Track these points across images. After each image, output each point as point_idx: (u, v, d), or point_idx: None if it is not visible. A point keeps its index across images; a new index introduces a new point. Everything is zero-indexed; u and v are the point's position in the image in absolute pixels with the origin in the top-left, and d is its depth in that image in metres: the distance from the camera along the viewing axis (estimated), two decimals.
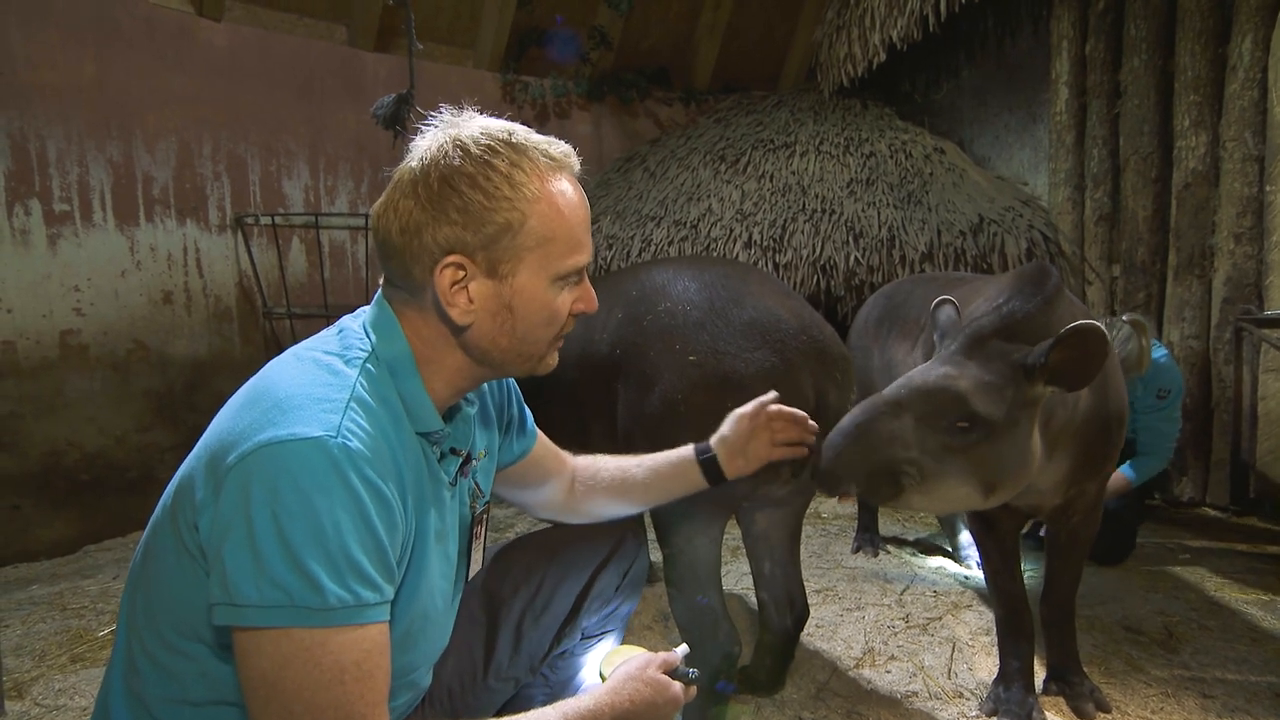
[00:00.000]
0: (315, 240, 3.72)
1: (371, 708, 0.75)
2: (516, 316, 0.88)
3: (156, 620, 0.83)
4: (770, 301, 1.47)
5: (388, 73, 3.87)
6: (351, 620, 0.73)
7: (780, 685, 1.77)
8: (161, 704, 0.83)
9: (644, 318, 1.49)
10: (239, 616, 0.72)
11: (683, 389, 1.39)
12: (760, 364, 1.38)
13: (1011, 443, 1.29)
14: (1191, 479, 3.18)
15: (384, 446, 0.80)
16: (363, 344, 0.87)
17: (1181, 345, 3.17)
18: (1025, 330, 1.34)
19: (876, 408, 1.27)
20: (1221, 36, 3.05)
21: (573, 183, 0.90)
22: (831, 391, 1.49)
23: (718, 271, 1.55)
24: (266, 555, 0.71)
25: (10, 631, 2.18)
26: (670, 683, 0.96)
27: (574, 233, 0.89)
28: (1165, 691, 1.75)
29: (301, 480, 0.72)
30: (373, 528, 0.76)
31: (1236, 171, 3.00)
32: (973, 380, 1.28)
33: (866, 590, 2.39)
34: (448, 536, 0.95)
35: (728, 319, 1.42)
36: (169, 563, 0.81)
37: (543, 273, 0.88)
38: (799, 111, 4.41)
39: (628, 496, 1.24)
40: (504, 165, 0.84)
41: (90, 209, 3.10)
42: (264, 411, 0.77)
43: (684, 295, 1.48)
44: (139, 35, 3.20)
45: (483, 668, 1.14)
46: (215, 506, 0.74)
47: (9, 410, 2.90)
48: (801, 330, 1.45)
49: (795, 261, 3.61)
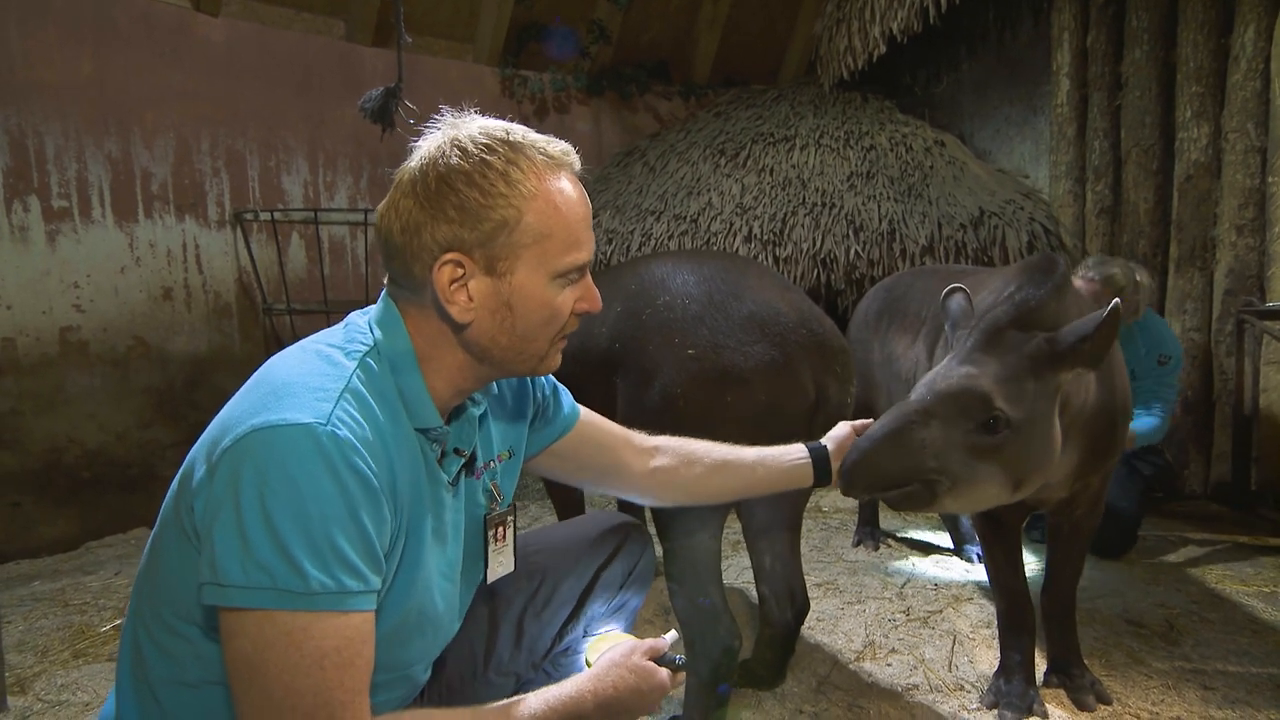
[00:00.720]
0: (314, 236, 3.72)
1: (351, 695, 0.75)
2: (516, 314, 0.88)
3: (158, 603, 0.84)
4: (769, 295, 1.47)
5: (385, 67, 3.86)
6: (333, 606, 0.74)
7: (781, 679, 1.77)
8: (163, 686, 0.84)
9: (643, 312, 1.48)
10: (224, 596, 0.73)
11: (682, 383, 1.38)
12: (760, 357, 1.38)
13: (1036, 434, 1.30)
14: (1193, 471, 3.18)
15: (375, 439, 0.81)
16: (365, 338, 0.88)
17: (1183, 338, 3.16)
18: (1039, 319, 1.34)
19: (906, 417, 1.24)
20: (1224, 27, 3.04)
21: (572, 180, 0.90)
22: (832, 385, 1.48)
23: (716, 265, 1.55)
24: (252, 537, 0.72)
25: (13, 627, 2.19)
26: (656, 669, 0.95)
27: (572, 229, 0.88)
28: (1166, 684, 1.75)
29: (289, 465, 0.73)
30: (357, 516, 0.76)
31: (1239, 163, 2.99)
32: (995, 378, 1.27)
33: (867, 584, 2.39)
34: (447, 536, 0.95)
35: (727, 313, 1.42)
36: (171, 546, 0.83)
37: (541, 270, 0.88)
38: (799, 105, 4.40)
39: (731, 479, 1.22)
40: (500, 163, 0.85)
41: (89, 205, 3.09)
42: (261, 397, 0.79)
43: (683, 289, 1.48)
44: (137, 31, 3.19)
45: (483, 661, 1.14)
46: (209, 488, 0.76)
47: (9, 407, 2.90)
48: (801, 324, 1.44)
49: (795, 255, 3.60)
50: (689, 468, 1.21)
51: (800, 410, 1.44)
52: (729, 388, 1.34)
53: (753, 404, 1.37)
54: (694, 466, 1.21)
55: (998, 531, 1.69)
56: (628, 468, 1.19)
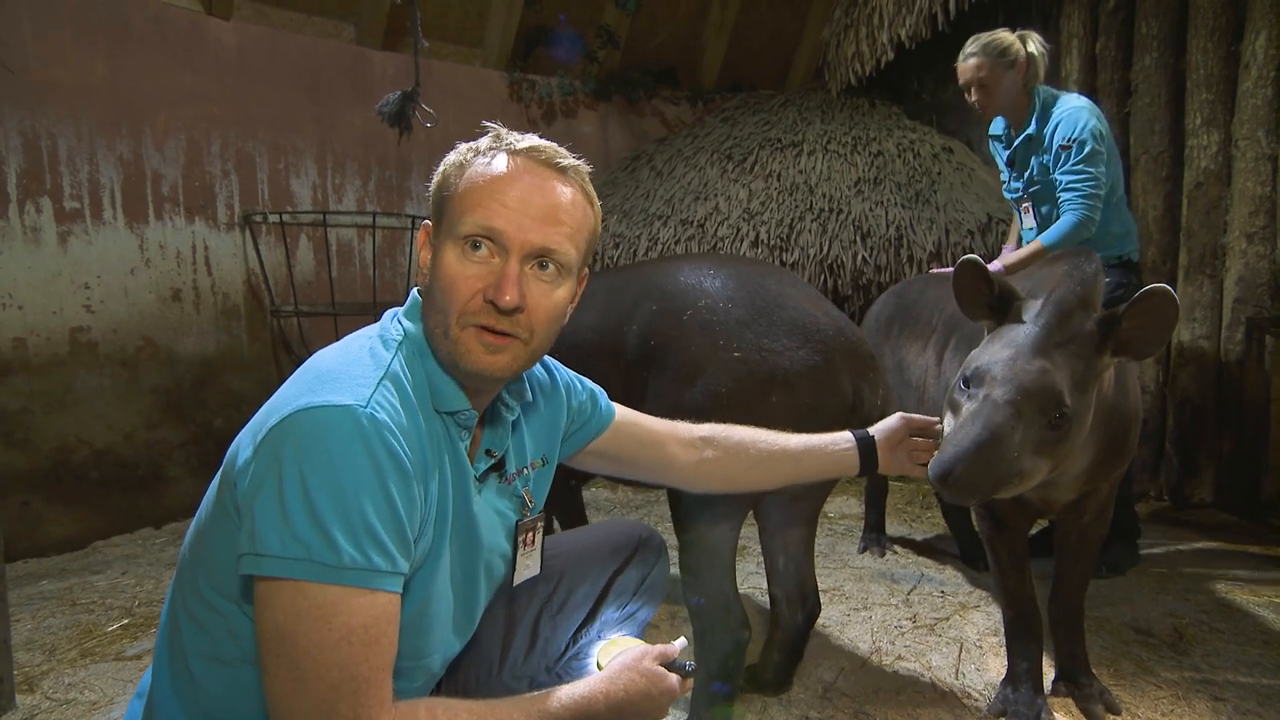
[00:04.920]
0: (323, 238, 3.73)
1: (375, 672, 0.77)
2: (433, 279, 0.91)
3: (197, 577, 0.88)
4: (807, 303, 1.54)
5: (395, 71, 3.88)
6: (363, 583, 0.77)
7: (787, 684, 1.77)
8: (197, 660, 0.87)
9: (683, 312, 1.52)
10: (260, 566, 0.76)
11: (728, 383, 1.43)
12: (805, 362, 1.44)
13: (1084, 420, 1.31)
14: (1203, 480, 3.16)
15: (410, 425, 0.85)
16: (398, 330, 0.94)
17: (1192, 345, 3.14)
18: (1092, 299, 1.35)
19: (1004, 418, 1.23)
20: (1234, 34, 3.03)
21: (522, 164, 0.90)
22: (866, 389, 1.54)
23: (752, 271, 1.61)
24: (291, 510, 0.75)
25: (20, 626, 2.19)
26: (666, 674, 0.96)
27: (486, 191, 0.88)
28: (1176, 694, 1.74)
29: (329, 443, 0.77)
30: (390, 496, 0.79)
31: (1249, 170, 2.98)
32: (1066, 372, 1.27)
33: (874, 590, 2.38)
34: (473, 529, 0.96)
35: (770, 318, 1.48)
36: (213, 524, 0.86)
37: (450, 232, 0.90)
38: (806, 110, 4.40)
39: (778, 469, 1.25)
40: (469, 148, 0.93)
41: (100, 207, 3.11)
42: (305, 383, 0.83)
43: (723, 293, 1.53)
44: (149, 34, 3.21)
45: (498, 662, 1.15)
46: (253, 464, 0.79)
47: (20, 407, 2.92)
48: (839, 331, 1.51)
49: (802, 260, 3.60)
50: (736, 460, 1.23)
51: (839, 412, 1.48)
52: (775, 389, 1.40)
53: (796, 406, 1.41)
54: (741, 458, 1.23)
55: (1004, 538, 1.68)
56: (674, 461, 1.22)
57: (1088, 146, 2.23)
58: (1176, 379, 3.20)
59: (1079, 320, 1.31)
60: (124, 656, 2.03)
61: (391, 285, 4.02)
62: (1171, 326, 1.26)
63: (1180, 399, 3.18)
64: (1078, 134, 2.24)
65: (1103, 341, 1.29)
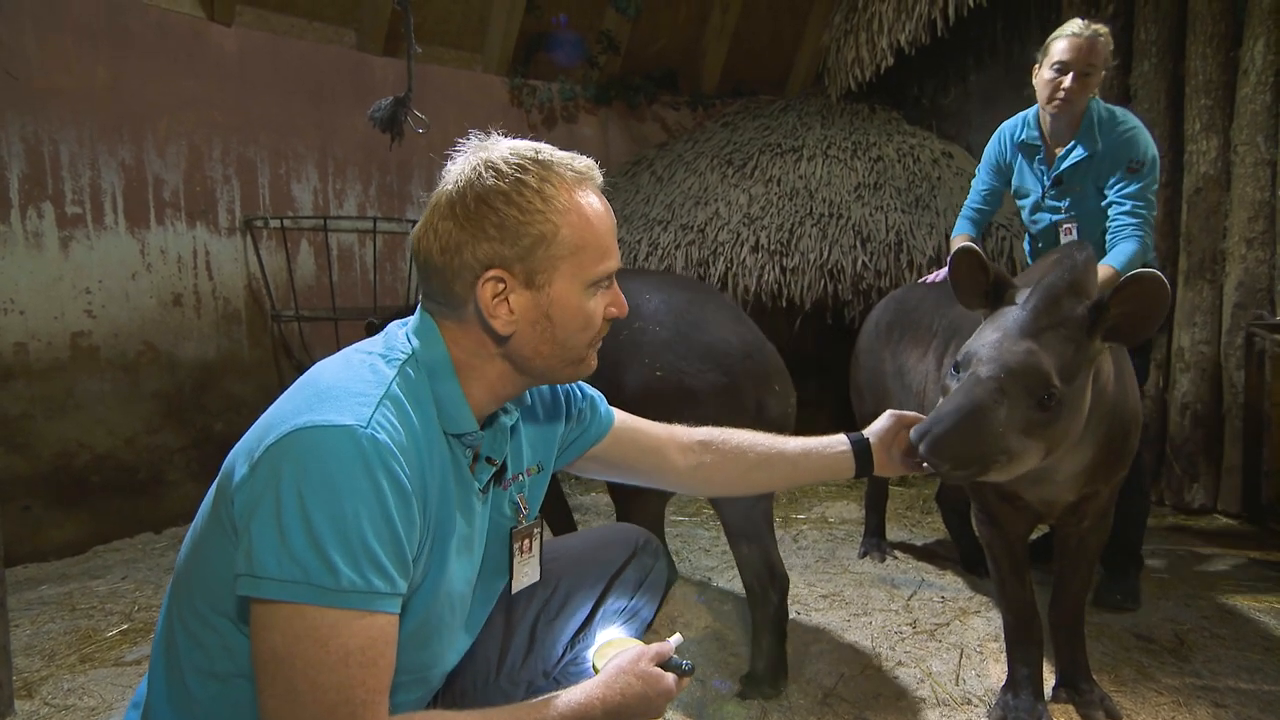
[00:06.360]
0: (324, 243, 3.74)
1: (371, 694, 0.77)
2: (555, 324, 0.93)
3: (192, 592, 0.87)
4: (724, 329, 1.77)
5: (396, 76, 3.88)
6: (361, 605, 0.76)
7: (783, 680, 1.78)
8: (192, 672, 0.87)
9: (620, 332, 1.71)
10: (257, 588, 0.75)
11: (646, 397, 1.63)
12: (713, 383, 1.69)
13: (1076, 405, 1.32)
14: (1203, 485, 3.16)
15: (410, 444, 0.84)
16: (404, 347, 0.92)
17: (1193, 351, 3.14)
18: (1085, 286, 1.37)
19: (986, 391, 1.25)
20: (1233, 40, 3.04)
21: (598, 194, 0.96)
22: (770, 400, 1.75)
23: (683, 296, 1.84)
24: (289, 531, 0.75)
25: (20, 631, 2.19)
26: (662, 675, 0.97)
27: (603, 240, 0.94)
28: (1177, 700, 1.74)
29: (328, 464, 0.76)
30: (390, 519, 0.78)
31: (1248, 176, 2.98)
32: (1054, 354, 1.29)
33: (873, 596, 2.38)
34: (473, 543, 0.97)
35: (690, 342, 1.73)
36: (209, 539, 0.86)
37: (576, 280, 0.92)
38: (806, 115, 4.41)
39: (774, 473, 1.28)
40: (534, 181, 0.89)
41: (102, 212, 3.12)
42: (304, 399, 0.83)
43: (654, 315, 1.77)
44: (151, 40, 3.22)
45: (495, 668, 1.15)
46: (250, 483, 0.78)
47: (21, 411, 2.92)
48: (747, 354, 1.74)
49: (802, 265, 3.60)
50: (734, 464, 1.26)
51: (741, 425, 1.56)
52: (685, 405, 1.58)
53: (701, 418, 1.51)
54: (738, 463, 1.26)
55: (1004, 543, 1.68)
56: (672, 467, 1.24)
57: (1155, 171, 2.14)
58: (1176, 384, 3.20)
59: (1069, 305, 1.32)
60: (123, 662, 2.03)
61: (392, 290, 4.02)
62: (1162, 310, 1.28)
63: (1180, 404, 3.18)
64: (1144, 155, 2.12)
65: (1093, 326, 1.30)
